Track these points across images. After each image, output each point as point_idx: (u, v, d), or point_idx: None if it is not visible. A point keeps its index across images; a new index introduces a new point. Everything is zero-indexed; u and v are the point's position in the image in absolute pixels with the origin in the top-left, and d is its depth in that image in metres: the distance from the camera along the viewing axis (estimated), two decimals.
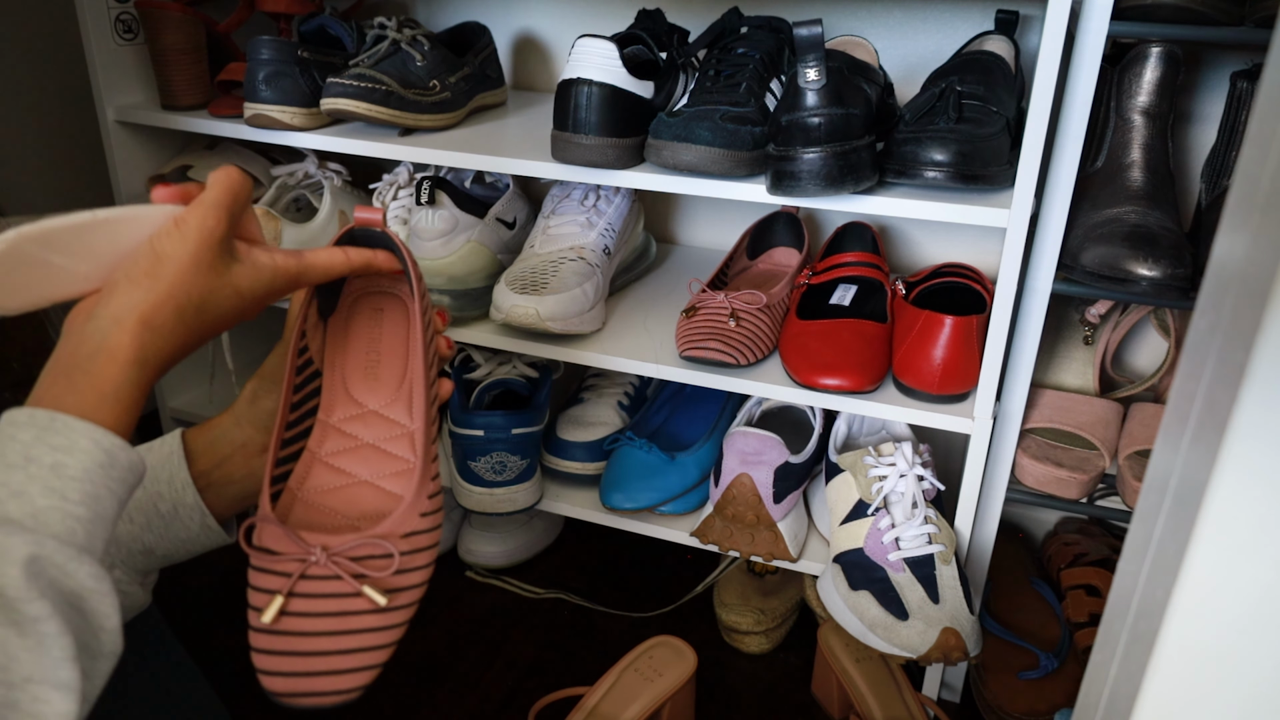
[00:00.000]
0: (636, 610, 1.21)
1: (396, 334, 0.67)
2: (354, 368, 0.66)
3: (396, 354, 0.67)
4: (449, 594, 1.25)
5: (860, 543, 0.91)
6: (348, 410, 0.64)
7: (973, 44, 0.98)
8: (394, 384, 0.66)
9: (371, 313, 0.68)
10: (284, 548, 0.54)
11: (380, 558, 0.55)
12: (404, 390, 0.65)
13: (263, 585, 0.54)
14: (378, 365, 0.66)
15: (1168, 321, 1.05)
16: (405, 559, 0.55)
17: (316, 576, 0.54)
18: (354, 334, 0.67)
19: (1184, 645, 0.35)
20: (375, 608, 0.54)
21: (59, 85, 1.31)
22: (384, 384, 0.66)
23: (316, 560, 0.53)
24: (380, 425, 0.64)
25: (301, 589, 0.53)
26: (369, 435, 0.64)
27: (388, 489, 0.62)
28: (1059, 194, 0.84)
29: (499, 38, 1.27)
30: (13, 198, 1.27)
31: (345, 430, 0.64)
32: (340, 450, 0.63)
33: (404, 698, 1.08)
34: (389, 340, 0.67)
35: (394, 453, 0.63)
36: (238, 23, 1.17)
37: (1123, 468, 0.96)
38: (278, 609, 0.52)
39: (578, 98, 0.86)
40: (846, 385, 0.89)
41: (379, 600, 0.53)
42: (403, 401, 0.65)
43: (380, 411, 0.65)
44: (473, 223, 1.06)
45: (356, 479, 0.62)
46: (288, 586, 0.53)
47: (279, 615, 0.52)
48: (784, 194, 0.81)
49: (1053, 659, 1.04)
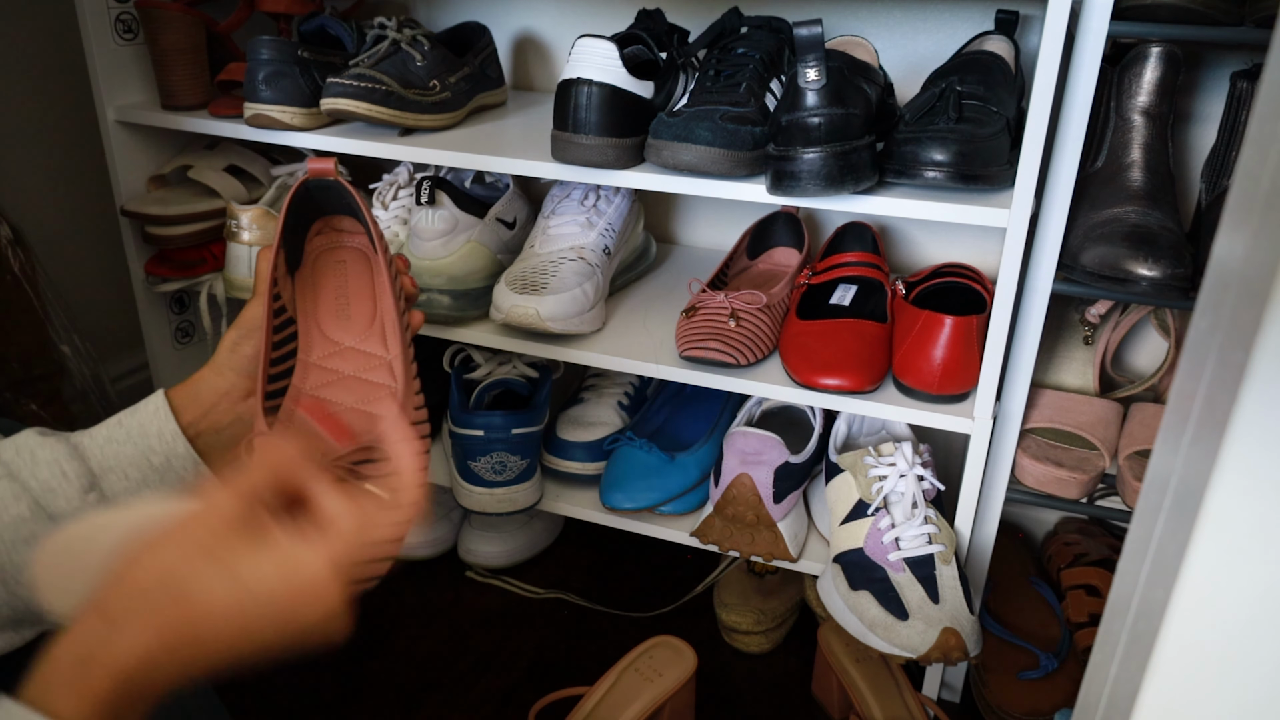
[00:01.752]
0: (636, 610, 1.21)
1: (361, 278, 0.70)
2: (326, 313, 0.68)
3: (364, 295, 0.69)
4: (449, 594, 1.25)
5: (860, 543, 0.91)
6: (325, 349, 0.67)
7: (973, 44, 0.98)
8: (365, 322, 0.68)
9: (335, 265, 0.70)
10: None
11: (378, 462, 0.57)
12: (376, 326, 0.68)
13: None
14: (348, 307, 0.69)
15: (1168, 321, 1.05)
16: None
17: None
18: (321, 284, 0.69)
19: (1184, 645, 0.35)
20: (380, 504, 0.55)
21: (59, 85, 1.31)
22: (356, 323, 0.68)
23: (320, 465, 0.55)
24: (358, 358, 0.67)
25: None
26: (349, 368, 0.67)
27: (374, 412, 0.65)
28: (1059, 194, 0.84)
29: (499, 38, 1.27)
30: (13, 198, 1.27)
31: (326, 366, 0.66)
32: (323, 383, 0.66)
33: (404, 697, 1.08)
34: (355, 284, 0.70)
35: (375, 380, 0.66)
36: (238, 23, 1.17)
37: (1123, 468, 0.96)
38: None
39: (578, 98, 0.86)
40: (846, 385, 0.89)
41: (382, 495, 0.54)
42: (376, 336, 0.68)
43: (356, 346, 0.68)
44: (473, 223, 1.06)
45: (342, 406, 0.65)
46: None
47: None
48: (784, 194, 0.81)
49: (1053, 659, 1.04)
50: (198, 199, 1.19)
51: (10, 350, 1.21)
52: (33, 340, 1.23)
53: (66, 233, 1.36)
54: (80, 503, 0.58)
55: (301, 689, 1.09)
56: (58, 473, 0.57)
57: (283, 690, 1.08)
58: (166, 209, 1.17)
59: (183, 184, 1.22)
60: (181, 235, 1.18)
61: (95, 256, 1.39)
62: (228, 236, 1.13)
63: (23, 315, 1.22)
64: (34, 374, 1.23)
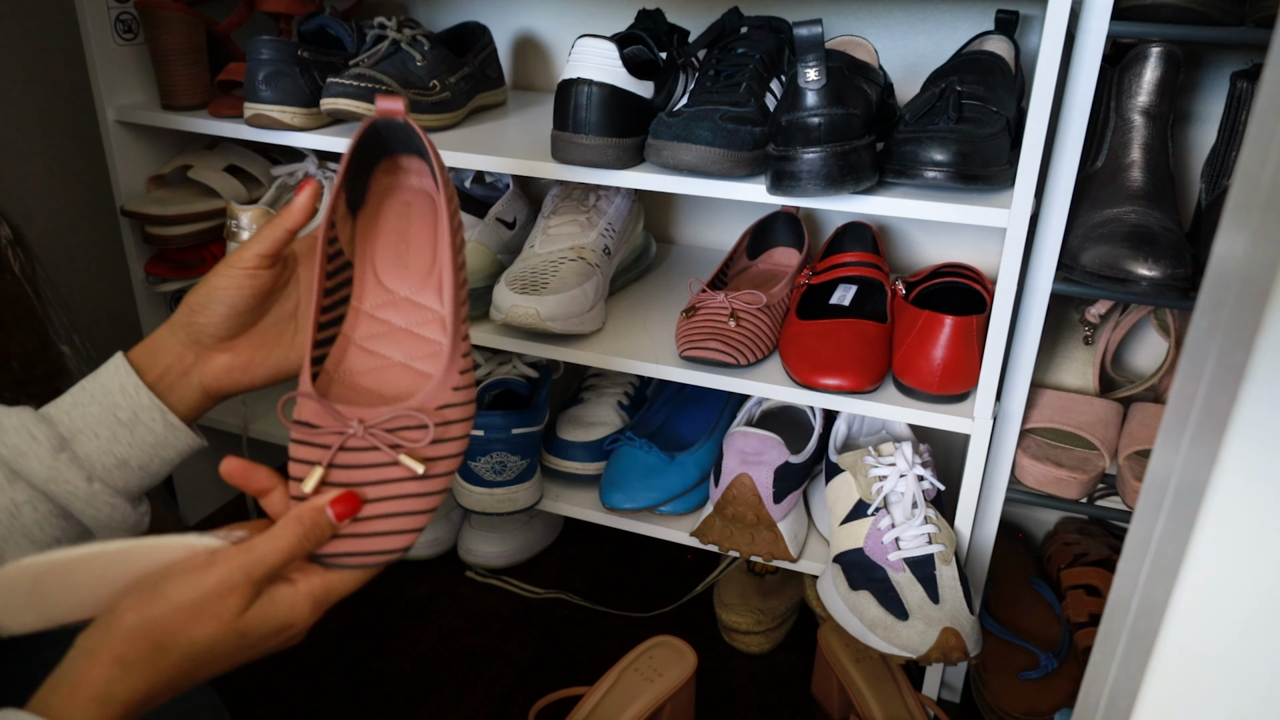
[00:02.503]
0: (636, 610, 1.21)
1: (424, 224, 0.68)
2: (384, 257, 0.67)
3: (425, 242, 0.68)
4: (449, 594, 1.25)
5: (860, 543, 0.91)
6: (379, 297, 0.66)
7: (973, 44, 0.98)
8: (423, 271, 0.67)
9: (400, 206, 0.69)
10: (323, 421, 0.56)
11: (415, 429, 0.57)
12: (434, 277, 0.67)
13: (303, 457, 0.57)
14: (407, 254, 0.67)
15: (1168, 321, 1.05)
16: (439, 430, 0.58)
17: (355, 448, 0.56)
18: (383, 226, 0.68)
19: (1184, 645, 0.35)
20: (413, 475, 0.56)
21: (59, 85, 1.31)
22: (413, 271, 0.67)
23: (354, 432, 0.56)
24: (411, 310, 0.66)
25: (340, 460, 0.56)
26: (401, 320, 0.65)
27: (421, 369, 0.64)
28: (1059, 194, 0.84)
29: (499, 38, 1.27)
30: (13, 198, 1.27)
31: (377, 316, 0.65)
32: (373, 334, 0.65)
33: (405, 697, 1.08)
34: (417, 230, 0.68)
35: (426, 335, 0.65)
36: (238, 23, 1.17)
37: (1123, 468, 0.96)
38: (319, 479, 0.55)
39: (578, 98, 0.86)
40: (846, 385, 0.89)
41: (416, 468, 0.56)
42: (433, 287, 0.66)
43: (411, 298, 0.66)
44: (473, 223, 1.06)
45: (390, 361, 0.64)
46: (328, 458, 0.56)
47: (320, 486, 0.55)
48: (784, 194, 0.81)
49: (1053, 659, 1.04)
50: (198, 199, 1.19)
51: (10, 350, 1.21)
52: (33, 340, 1.23)
53: (66, 233, 1.36)
54: (53, 462, 0.58)
55: (302, 689, 1.09)
56: (26, 436, 0.58)
57: (283, 690, 1.08)
58: (166, 209, 1.17)
59: (183, 184, 1.22)
60: (181, 235, 1.18)
61: (95, 256, 1.39)
62: (228, 236, 1.13)
63: (23, 315, 1.22)
64: (34, 374, 1.23)
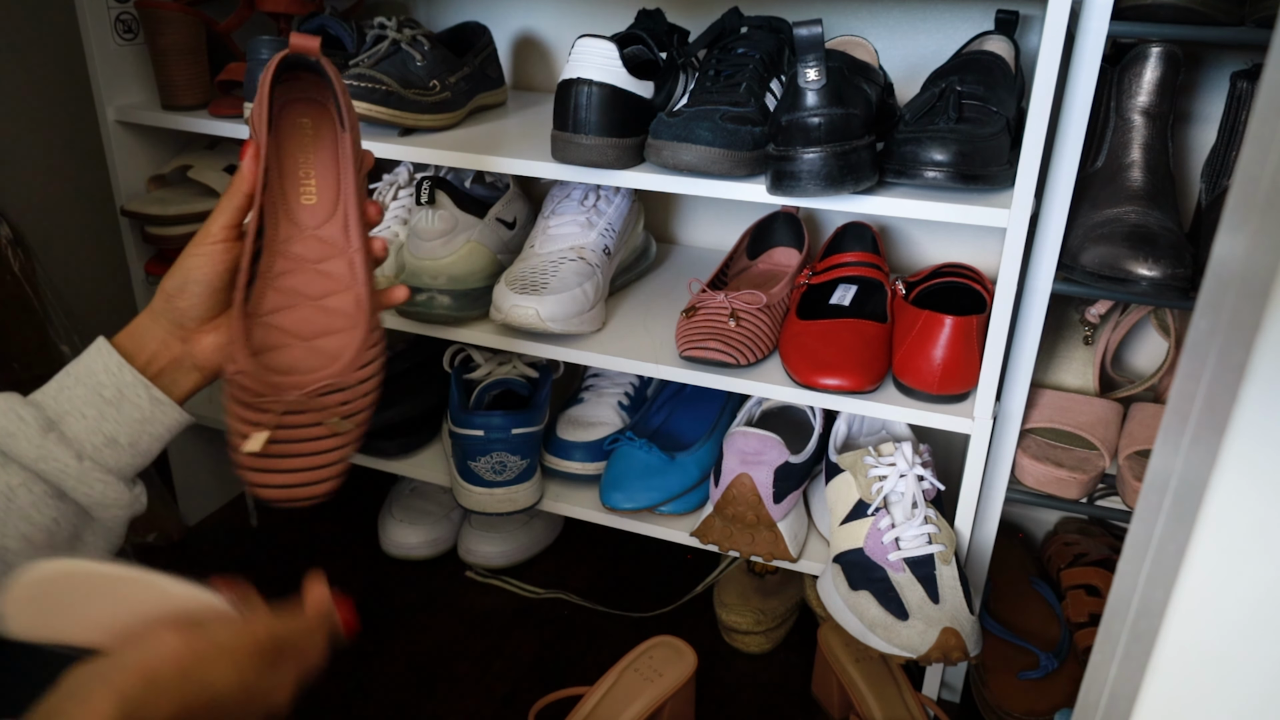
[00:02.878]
0: (636, 610, 1.21)
1: (325, 150, 0.72)
2: (290, 184, 0.71)
3: (328, 171, 0.72)
4: (449, 594, 1.25)
5: (860, 543, 0.91)
6: (288, 230, 0.70)
7: (973, 44, 0.98)
8: (329, 204, 0.71)
9: (297, 127, 0.72)
10: (265, 390, 0.64)
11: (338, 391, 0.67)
12: (339, 214, 0.71)
13: (249, 419, 0.65)
14: (310, 179, 0.71)
15: (1168, 321, 1.05)
16: (359, 388, 0.68)
17: (293, 412, 0.66)
18: (285, 148, 0.71)
19: (1184, 645, 0.35)
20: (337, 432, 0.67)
21: (59, 85, 1.31)
22: (320, 204, 0.71)
23: (294, 400, 0.65)
24: (318, 246, 0.71)
25: (282, 422, 0.66)
26: (311, 254, 0.70)
27: (332, 306, 0.69)
28: (1059, 194, 0.84)
29: (499, 38, 1.27)
30: (13, 198, 1.27)
31: (289, 252, 0.70)
32: (285, 272, 0.69)
33: (404, 697, 1.08)
34: (320, 156, 0.72)
35: (333, 273, 0.70)
36: (238, 23, 1.17)
37: (1123, 468, 0.96)
38: (265, 439, 0.65)
39: (578, 98, 0.86)
40: (846, 385, 0.89)
41: (343, 426, 0.67)
42: (339, 223, 0.71)
43: (317, 233, 0.71)
44: (473, 223, 1.06)
45: (302, 299, 0.69)
46: (274, 422, 0.65)
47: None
48: (784, 194, 0.81)
49: (1053, 659, 1.04)
50: (198, 199, 1.19)
51: (10, 350, 1.21)
52: (33, 340, 1.23)
53: (66, 233, 1.36)
54: (41, 442, 0.60)
55: (302, 689, 1.09)
56: (14, 418, 0.60)
57: None
58: (166, 209, 1.17)
59: (183, 184, 1.22)
60: (181, 235, 1.18)
61: (95, 256, 1.39)
62: None
63: (23, 315, 1.22)
64: (34, 374, 1.23)
